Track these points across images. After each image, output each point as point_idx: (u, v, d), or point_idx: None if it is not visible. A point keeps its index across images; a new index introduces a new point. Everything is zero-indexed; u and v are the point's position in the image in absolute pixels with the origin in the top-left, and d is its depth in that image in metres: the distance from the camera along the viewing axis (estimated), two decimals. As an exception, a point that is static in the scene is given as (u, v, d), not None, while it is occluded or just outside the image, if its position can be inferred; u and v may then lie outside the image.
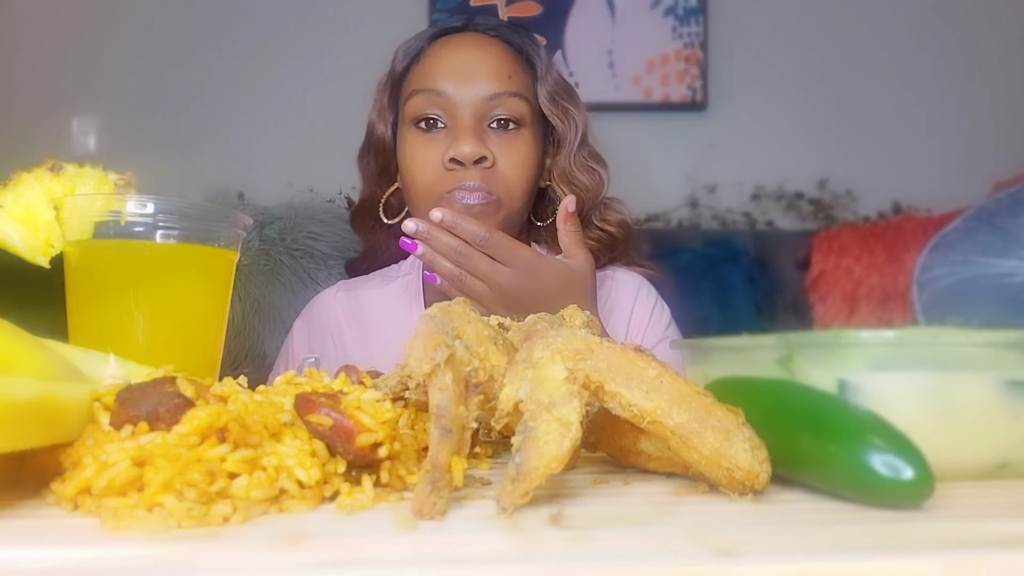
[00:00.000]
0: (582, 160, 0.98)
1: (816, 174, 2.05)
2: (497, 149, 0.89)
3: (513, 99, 0.91)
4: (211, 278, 0.60)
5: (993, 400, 0.39)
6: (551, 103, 0.96)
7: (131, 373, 0.45)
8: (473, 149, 0.86)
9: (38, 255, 0.56)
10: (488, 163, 0.88)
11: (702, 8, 2.07)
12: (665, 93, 2.07)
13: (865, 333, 0.41)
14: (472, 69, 0.91)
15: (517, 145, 0.91)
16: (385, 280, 1.03)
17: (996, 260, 1.31)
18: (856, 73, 2.06)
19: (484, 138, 0.89)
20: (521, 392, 0.35)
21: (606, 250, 0.99)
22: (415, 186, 0.91)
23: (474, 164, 0.87)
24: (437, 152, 0.89)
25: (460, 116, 0.89)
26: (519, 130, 0.91)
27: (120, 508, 0.31)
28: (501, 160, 0.89)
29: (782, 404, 0.39)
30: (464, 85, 0.90)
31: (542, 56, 0.98)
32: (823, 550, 0.28)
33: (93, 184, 0.58)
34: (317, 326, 1.02)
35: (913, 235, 1.72)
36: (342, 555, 0.27)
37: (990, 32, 2.05)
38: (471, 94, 0.89)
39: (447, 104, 0.90)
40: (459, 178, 0.87)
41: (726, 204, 2.05)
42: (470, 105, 0.89)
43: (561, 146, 0.97)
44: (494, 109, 0.90)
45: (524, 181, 0.91)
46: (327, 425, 0.35)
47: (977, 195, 1.59)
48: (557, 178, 0.97)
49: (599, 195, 0.98)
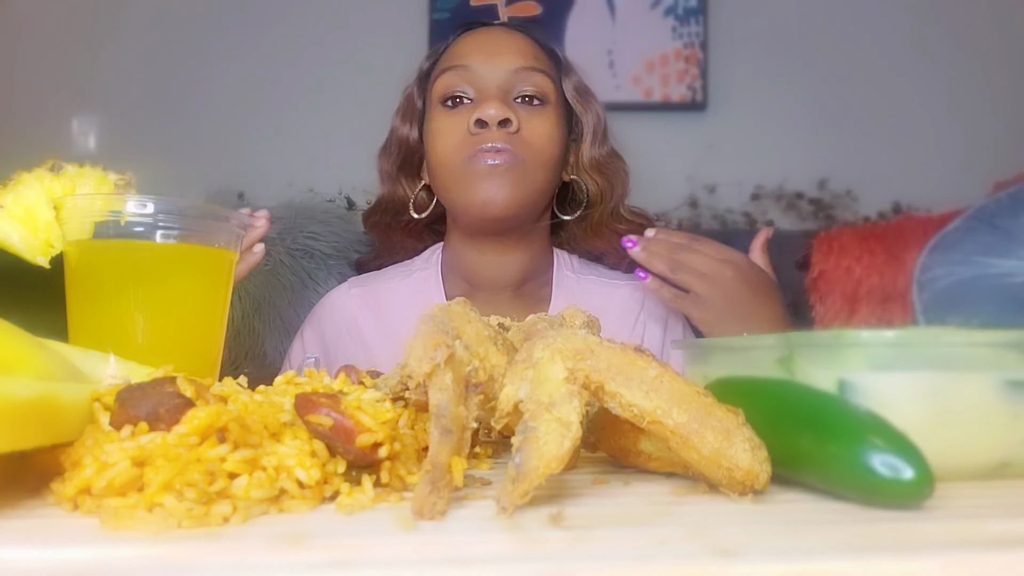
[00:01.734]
0: (606, 152, 1.00)
1: (816, 174, 2.04)
2: (523, 119, 0.91)
3: (538, 75, 0.93)
4: (211, 278, 0.60)
5: (993, 400, 0.39)
6: (576, 93, 0.99)
7: (131, 373, 0.45)
8: (498, 110, 0.88)
9: (38, 255, 0.56)
10: (513, 127, 0.89)
11: (702, 8, 2.06)
12: (665, 93, 2.07)
13: (865, 333, 0.41)
14: (499, 48, 0.94)
15: (542, 118, 0.93)
16: (403, 275, 1.02)
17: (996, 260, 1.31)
18: (856, 73, 2.06)
19: (511, 106, 0.90)
20: (521, 392, 0.35)
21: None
22: (439, 158, 0.93)
23: (499, 126, 0.88)
24: (462, 121, 0.91)
25: (486, 88, 0.92)
26: (544, 106, 0.93)
27: (120, 508, 0.31)
28: (526, 128, 0.90)
29: (782, 404, 0.39)
30: (491, 60, 0.93)
31: (562, 54, 1.01)
32: (823, 550, 0.28)
33: (93, 184, 0.58)
34: (330, 326, 1.00)
35: (913, 235, 1.71)
36: (342, 555, 0.27)
37: (990, 32, 2.05)
38: (498, 68, 0.92)
39: (473, 78, 0.92)
40: (484, 139, 0.88)
41: (726, 204, 2.05)
42: (497, 77, 0.92)
43: (584, 137, 0.99)
44: (520, 83, 0.92)
45: (549, 153, 0.92)
46: (327, 425, 0.35)
47: (977, 195, 1.59)
48: (584, 167, 0.99)
49: (626, 188, 1.01)
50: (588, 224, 1.02)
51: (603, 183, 0.99)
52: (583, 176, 0.99)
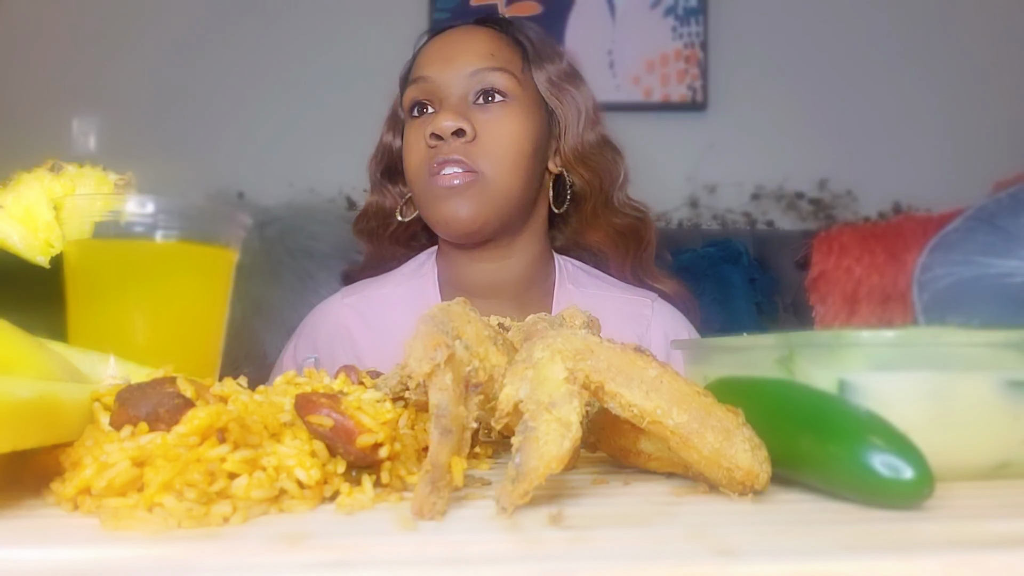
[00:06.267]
0: (592, 143, 0.97)
1: (816, 174, 2.04)
2: (481, 123, 0.89)
3: (495, 73, 0.91)
4: (211, 278, 0.60)
5: (993, 400, 0.39)
6: (549, 84, 0.96)
7: (131, 373, 0.45)
8: (450, 122, 0.87)
9: (38, 255, 0.56)
10: (468, 137, 0.88)
11: (702, 8, 2.06)
12: (665, 93, 2.07)
13: (865, 333, 0.41)
14: (454, 52, 0.93)
15: (502, 117, 0.90)
16: (397, 283, 1.00)
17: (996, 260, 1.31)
18: (856, 73, 2.06)
19: (467, 114, 0.89)
20: (521, 392, 0.35)
21: (632, 236, 1.00)
22: (409, 173, 0.93)
23: (454, 137, 0.87)
24: (423, 133, 0.90)
25: (445, 97, 0.91)
26: (505, 103, 0.91)
27: (120, 508, 0.31)
28: (484, 134, 0.89)
29: (782, 404, 0.39)
30: (446, 67, 0.92)
31: (532, 39, 0.98)
32: (823, 550, 0.28)
33: (93, 184, 0.58)
34: (323, 337, 0.97)
35: (913, 235, 1.71)
36: (342, 555, 0.27)
37: (990, 33, 2.05)
38: (453, 74, 0.91)
39: (432, 88, 0.92)
40: (439, 153, 0.88)
41: (726, 204, 2.05)
42: (453, 85, 0.91)
43: (566, 129, 0.97)
44: (477, 85, 0.91)
45: (511, 154, 0.90)
46: (328, 426, 0.35)
47: (977, 195, 1.59)
48: (568, 160, 0.96)
49: (617, 178, 0.99)
50: (582, 217, 1.00)
51: (589, 175, 0.96)
52: (568, 169, 0.97)
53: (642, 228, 1.00)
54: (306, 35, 2.07)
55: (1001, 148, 1.93)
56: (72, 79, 2.03)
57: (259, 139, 2.02)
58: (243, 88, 2.06)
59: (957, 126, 2.03)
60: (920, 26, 2.06)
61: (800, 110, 2.06)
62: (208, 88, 2.06)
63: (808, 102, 2.06)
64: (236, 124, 2.04)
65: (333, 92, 2.01)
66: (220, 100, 2.06)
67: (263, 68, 2.06)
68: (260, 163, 1.97)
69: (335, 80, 2.02)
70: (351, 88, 1.98)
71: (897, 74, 2.05)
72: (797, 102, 2.06)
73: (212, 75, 2.06)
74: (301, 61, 2.06)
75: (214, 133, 2.03)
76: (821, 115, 2.05)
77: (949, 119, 2.04)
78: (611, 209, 0.99)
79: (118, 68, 2.03)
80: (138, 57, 2.05)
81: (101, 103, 2.04)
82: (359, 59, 2.01)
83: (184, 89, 2.05)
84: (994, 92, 2.04)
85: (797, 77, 2.07)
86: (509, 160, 0.89)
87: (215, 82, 2.06)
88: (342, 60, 2.03)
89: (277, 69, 2.06)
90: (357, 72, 1.99)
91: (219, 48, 2.06)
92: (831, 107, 2.06)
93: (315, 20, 2.08)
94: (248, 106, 2.05)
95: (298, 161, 1.97)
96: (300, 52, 2.06)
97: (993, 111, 2.03)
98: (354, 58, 2.02)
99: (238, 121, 2.04)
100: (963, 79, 2.05)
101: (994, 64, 2.05)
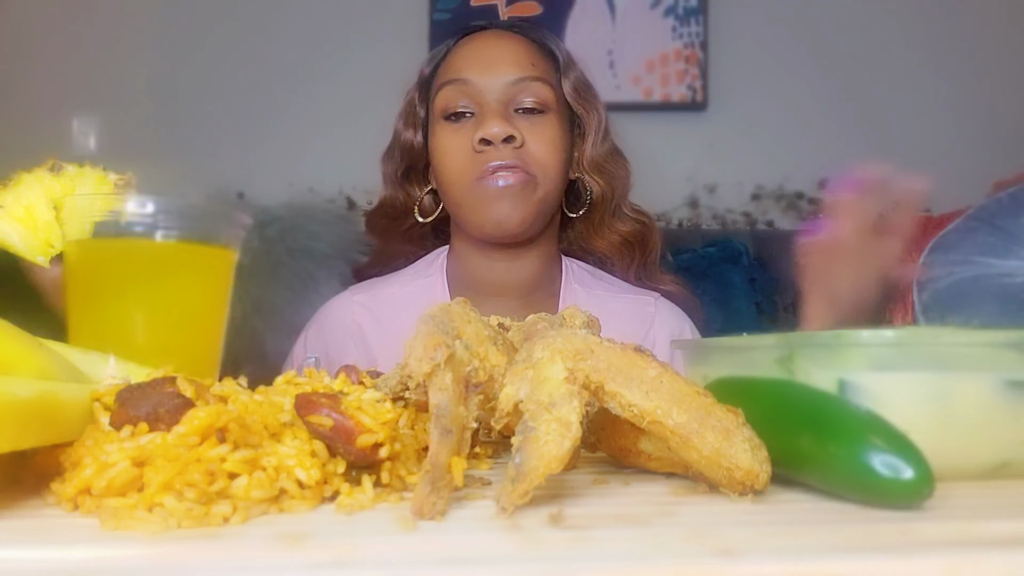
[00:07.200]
0: (607, 151, 1.00)
1: (816, 174, 2.04)
2: (526, 131, 0.91)
3: (537, 83, 0.93)
4: (211, 278, 0.60)
5: (993, 400, 0.39)
6: (575, 93, 0.98)
7: (131, 373, 0.45)
8: (501, 128, 0.88)
9: (38, 255, 0.56)
10: (517, 143, 0.89)
11: (702, 8, 2.06)
12: (665, 93, 2.07)
13: (865, 333, 0.41)
14: (495, 58, 0.94)
15: (545, 128, 0.93)
16: (406, 281, 1.01)
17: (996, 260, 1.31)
18: (856, 73, 2.06)
19: (512, 120, 0.91)
20: (521, 392, 0.35)
21: (638, 243, 1.02)
22: (448, 176, 0.93)
23: (503, 143, 0.89)
24: (466, 139, 0.91)
25: (487, 102, 0.91)
26: (545, 115, 0.93)
27: (120, 508, 0.31)
28: (531, 141, 0.91)
29: (782, 404, 0.39)
30: (488, 72, 0.93)
31: (562, 50, 1.00)
32: (823, 550, 0.28)
33: (93, 184, 0.58)
34: (333, 333, 0.98)
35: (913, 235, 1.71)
36: (342, 555, 0.27)
37: (991, 33, 2.05)
38: (496, 81, 0.92)
39: (473, 92, 0.92)
40: (490, 158, 0.89)
41: (726, 204, 2.05)
42: (495, 91, 0.92)
43: (586, 137, 0.99)
44: (519, 95, 0.92)
45: (556, 162, 0.93)
46: (328, 426, 0.35)
47: (977, 195, 1.59)
48: (586, 168, 0.99)
49: (627, 186, 1.01)
50: (590, 223, 1.02)
51: (604, 183, 0.99)
52: (586, 176, 0.99)
53: (647, 234, 1.02)
54: (306, 35, 2.07)
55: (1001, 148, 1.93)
56: (72, 79, 2.03)
57: (259, 139, 2.02)
58: (243, 88, 2.06)
59: (957, 126, 2.03)
60: (920, 26, 2.06)
61: (800, 110, 2.05)
62: (208, 88, 2.06)
63: (808, 102, 2.05)
64: (236, 124, 2.04)
65: (333, 92, 2.01)
66: (220, 100, 2.06)
67: (263, 68, 2.06)
68: (260, 163, 1.97)
69: (335, 80, 2.02)
70: (351, 88, 1.98)
71: (897, 74, 2.05)
72: (797, 102, 2.06)
73: (212, 75, 2.06)
74: (301, 61, 2.06)
75: (214, 133, 2.03)
76: (821, 115, 2.05)
77: (950, 119, 2.04)
78: (618, 216, 1.01)
79: (118, 68, 2.03)
80: (139, 57, 2.05)
81: (101, 103, 2.04)
82: (359, 59, 2.01)
83: (184, 89, 2.05)
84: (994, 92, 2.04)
85: (797, 77, 2.07)
86: (554, 167, 0.93)
87: (215, 82, 2.06)
88: (342, 60, 2.03)
89: (277, 69, 2.06)
90: (357, 72, 1.99)
91: (219, 48, 2.06)
92: (831, 107, 2.05)
93: (315, 20, 2.08)
94: (248, 106, 2.05)
95: (298, 161, 1.97)
96: (300, 52, 2.06)
97: (993, 111, 2.03)
98: (354, 58, 2.02)
99: (238, 121, 2.04)
100: (964, 80, 2.05)
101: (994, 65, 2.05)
